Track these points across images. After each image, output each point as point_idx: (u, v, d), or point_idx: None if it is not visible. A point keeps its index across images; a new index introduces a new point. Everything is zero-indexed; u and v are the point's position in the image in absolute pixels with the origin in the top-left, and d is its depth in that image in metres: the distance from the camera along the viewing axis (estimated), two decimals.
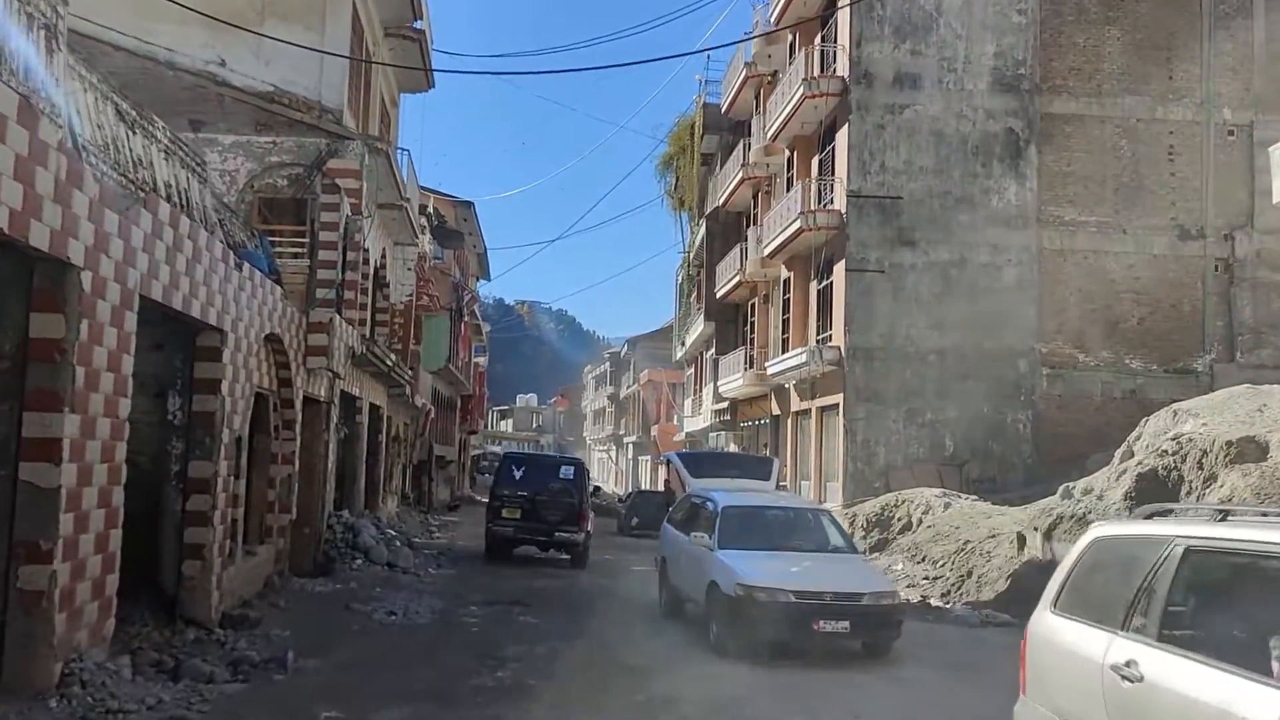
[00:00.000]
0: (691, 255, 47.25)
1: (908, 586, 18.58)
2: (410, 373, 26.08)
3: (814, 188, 29.31)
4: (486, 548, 21.57)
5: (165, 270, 8.69)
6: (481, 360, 72.57)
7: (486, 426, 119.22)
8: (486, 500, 24.41)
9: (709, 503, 13.91)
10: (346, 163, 17.70)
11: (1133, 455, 19.52)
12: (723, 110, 41.61)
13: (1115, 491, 15.80)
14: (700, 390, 47.61)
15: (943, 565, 18.99)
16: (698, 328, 44.43)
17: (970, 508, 22.44)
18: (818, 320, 29.62)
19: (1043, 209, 27.90)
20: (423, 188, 34.69)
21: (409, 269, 26.22)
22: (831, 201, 28.54)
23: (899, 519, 23.11)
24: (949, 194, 27.73)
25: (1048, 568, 15.57)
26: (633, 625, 13.68)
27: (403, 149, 23.67)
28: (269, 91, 17.62)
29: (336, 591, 14.60)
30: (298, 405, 14.48)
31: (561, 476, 21.82)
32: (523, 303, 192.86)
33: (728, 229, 41.92)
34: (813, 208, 28.54)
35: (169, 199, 9.65)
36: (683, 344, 50.11)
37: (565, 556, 21.36)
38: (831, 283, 28.52)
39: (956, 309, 27.48)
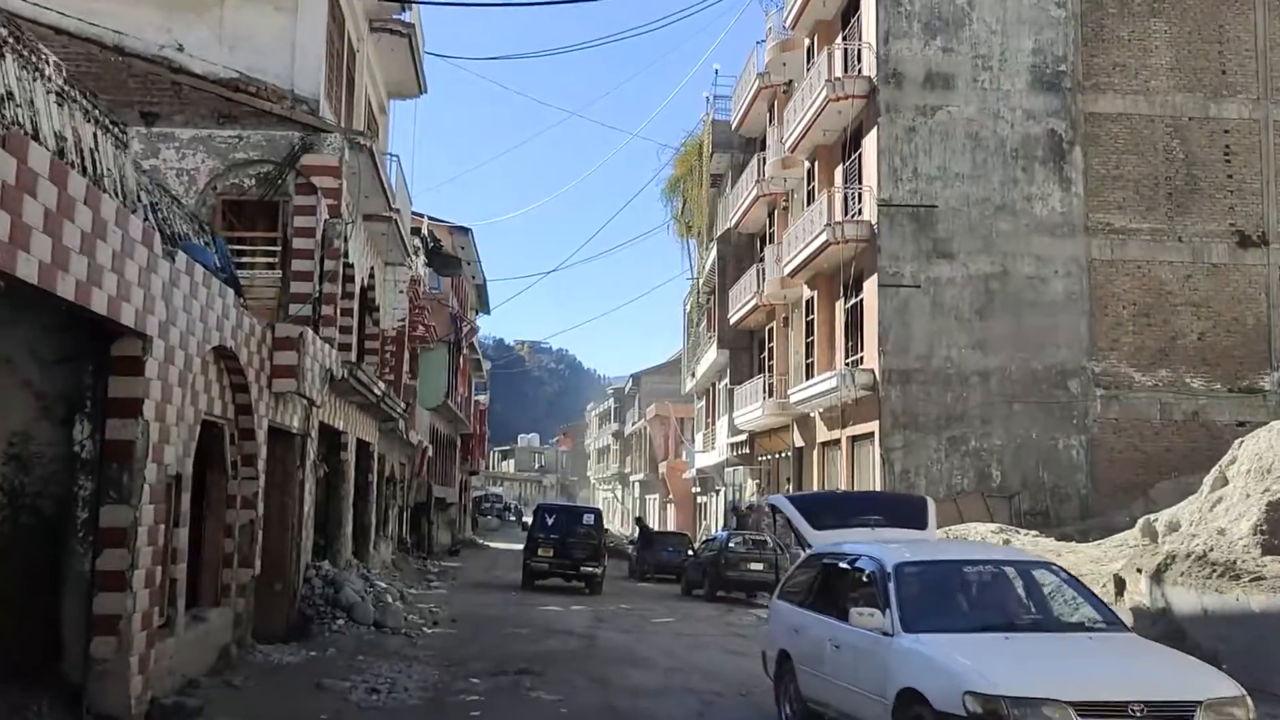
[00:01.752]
0: (701, 281, 44.99)
1: None
2: (404, 406, 23.69)
3: (840, 197, 27.03)
4: (523, 579, 25.99)
5: (44, 242, 6.32)
6: (482, 398, 70.25)
7: (488, 467, 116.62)
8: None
9: (864, 562, 8.80)
10: (323, 158, 15.37)
11: (1226, 482, 17.06)
12: (733, 126, 39.48)
13: (1241, 524, 13.32)
14: (713, 424, 45.15)
15: None
16: (710, 357, 42.07)
17: (1032, 544, 19.95)
18: (846, 342, 27.25)
19: (1090, 216, 25.61)
20: (416, 213, 32.47)
21: (400, 292, 23.88)
22: (860, 212, 26.26)
23: None
24: (988, 201, 25.47)
25: (1161, 617, 13.17)
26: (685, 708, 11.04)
27: (392, 155, 21.40)
28: (233, 79, 15.34)
29: (309, 662, 12.10)
30: (260, 437, 12.07)
31: (584, 523, 26.96)
32: (523, 342, 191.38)
33: (740, 252, 39.66)
34: (839, 219, 26.26)
35: (61, 155, 7.31)
36: (693, 375, 47.71)
37: (584, 587, 25.40)
38: (862, 300, 26.18)
39: (1000, 326, 25.14)
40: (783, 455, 34.35)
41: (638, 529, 39.01)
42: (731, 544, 25.48)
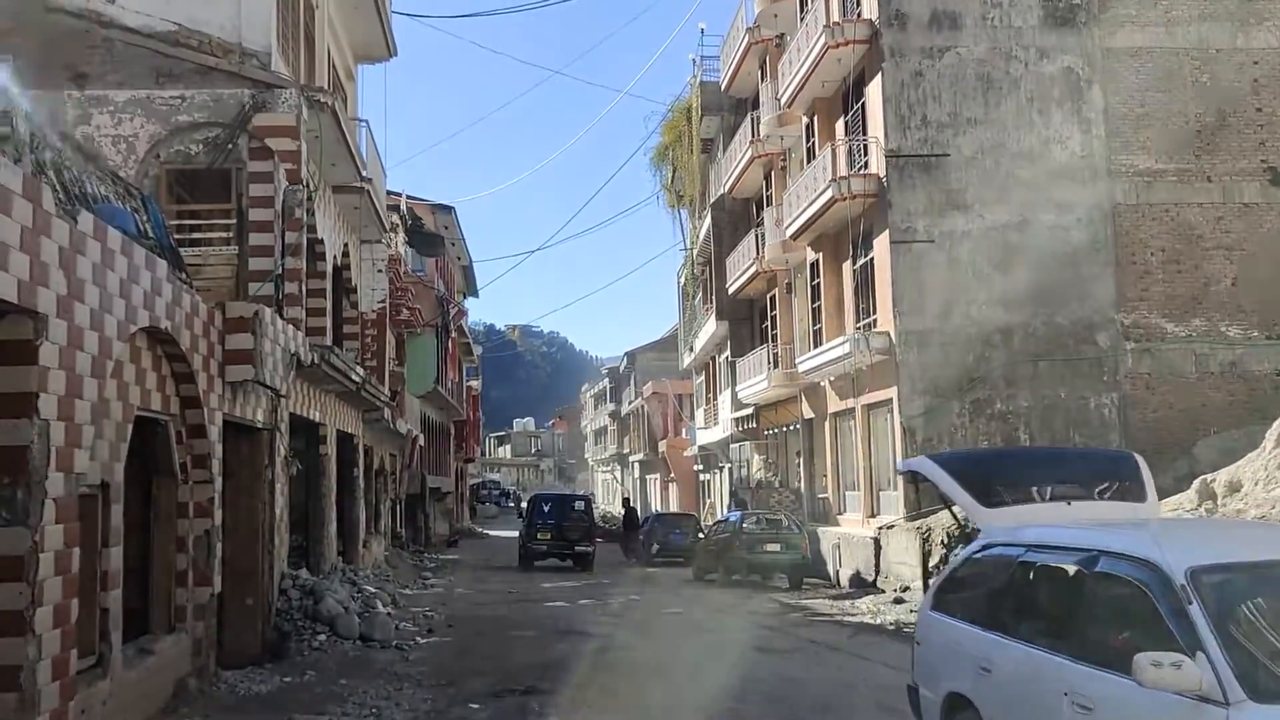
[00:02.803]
0: (695, 252, 43.27)
1: None
2: (390, 394, 22.01)
3: (844, 151, 25.34)
4: (520, 561, 28.96)
5: None
6: (475, 383, 68.59)
7: (484, 454, 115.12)
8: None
9: (1116, 565, 5.39)
10: (278, 118, 13.65)
11: None
12: (723, 87, 37.71)
13: None
14: (714, 399, 43.55)
15: None
16: (708, 329, 40.42)
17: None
18: (857, 305, 25.61)
19: (1112, 159, 23.96)
20: (393, 191, 30.76)
21: (379, 271, 22.17)
22: (866, 165, 24.57)
23: None
24: (1003, 147, 23.79)
25: None
26: None
27: (361, 120, 19.65)
28: (172, 32, 13.60)
29: (283, 690, 10.50)
30: (214, 433, 10.42)
31: (576, 509, 30.11)
32: (513, 326, 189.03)
33: (736, 218, 37.97)
34: (844, 173, 24.57)
35: None
36: (691, 350, 46.06)
37: (579, 568, 27.93)
38: (872, 259, 24.53)
39: (1021, 280, 23.51)
40: (791, 428, 32.79)
41: (623, 510, 37.55)
42: (746, 525, 23.90)
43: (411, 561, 29.67)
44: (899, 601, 17.96)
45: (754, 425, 35.62)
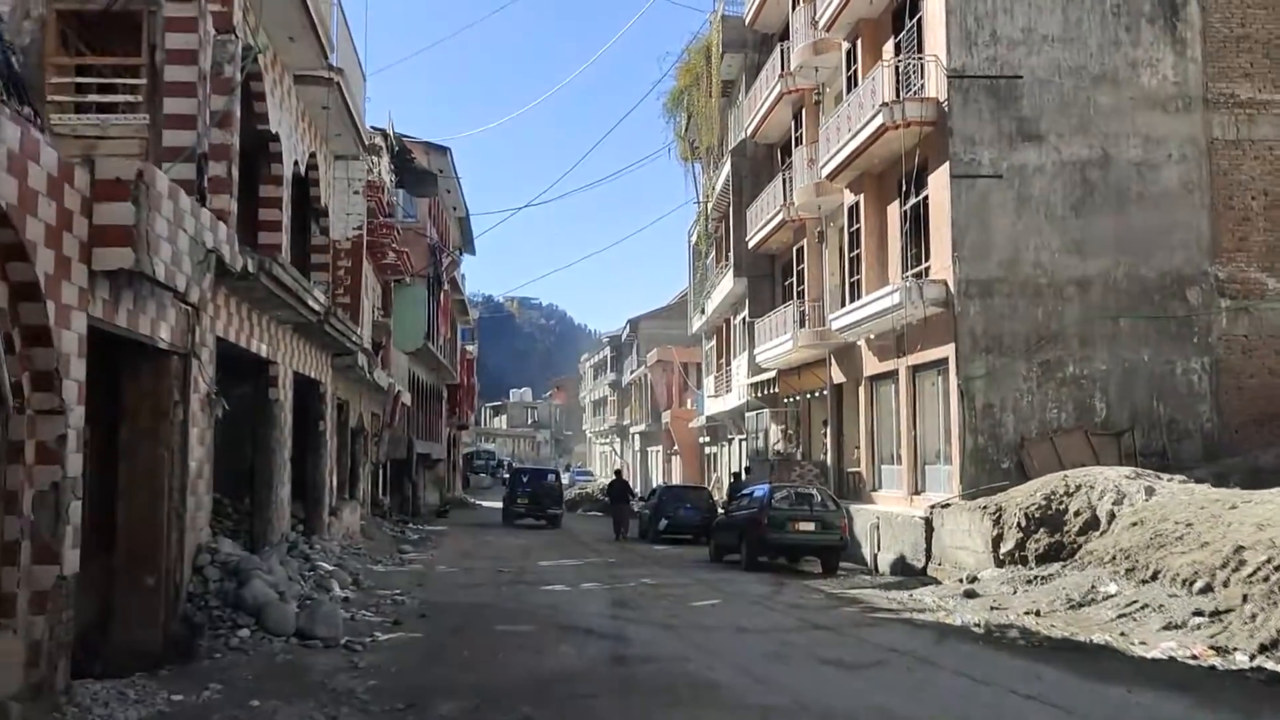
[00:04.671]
0: (710, 206, 39.87)
1: (1163, 628, 11.34)
2: (362, 336, 18.70)
3: (892, 73, 21.96)
4: (504, 518, 34.50)
5: None
6: (471, 348, 65.43)
7: (480, 423, 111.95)
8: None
9: None
10: None
11: None
12: (747, 20, 34.31)
13: None
14: (726, 365, 40.26)
15: (1210, 588, 11.70)
16: (725, 287, 37.06)
17: (1188, 494, 15.23)
18: (905, 252, 22.31)
19: (1209, 86, 20.64)
20: (376, 128, 27.43)
21: (355, 193, 18.88)
22: (923, 88, 21.24)
23: (1075, 513, 15.86)
24: (1084, 70, 20.46)
25: None
26: None
27: None
28: None
29: (165, 717, 7.27)
30: (68, 342, 7.17)
31: (547, 480, 35.67)
32: (513, 298, 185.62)
33: (759, 165, 34.59)
34: (897, 98, 21.25)
35: None
36: (702, 313, 42.72)
37: (547, 523, 33.55)
38: (926, 198, 21.22)
39: (1101, 224, 20.26)
40: (816, 394, 29.57)
41: (614, 478, 34.51)
42: (776, 500, 20.66)
43: (392, 533, 26.52)
44: (971, 595, 14.75)
45: (773, 392, 32.37)
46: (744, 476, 31.63)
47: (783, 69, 29.52)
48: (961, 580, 16.46)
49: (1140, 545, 13.81)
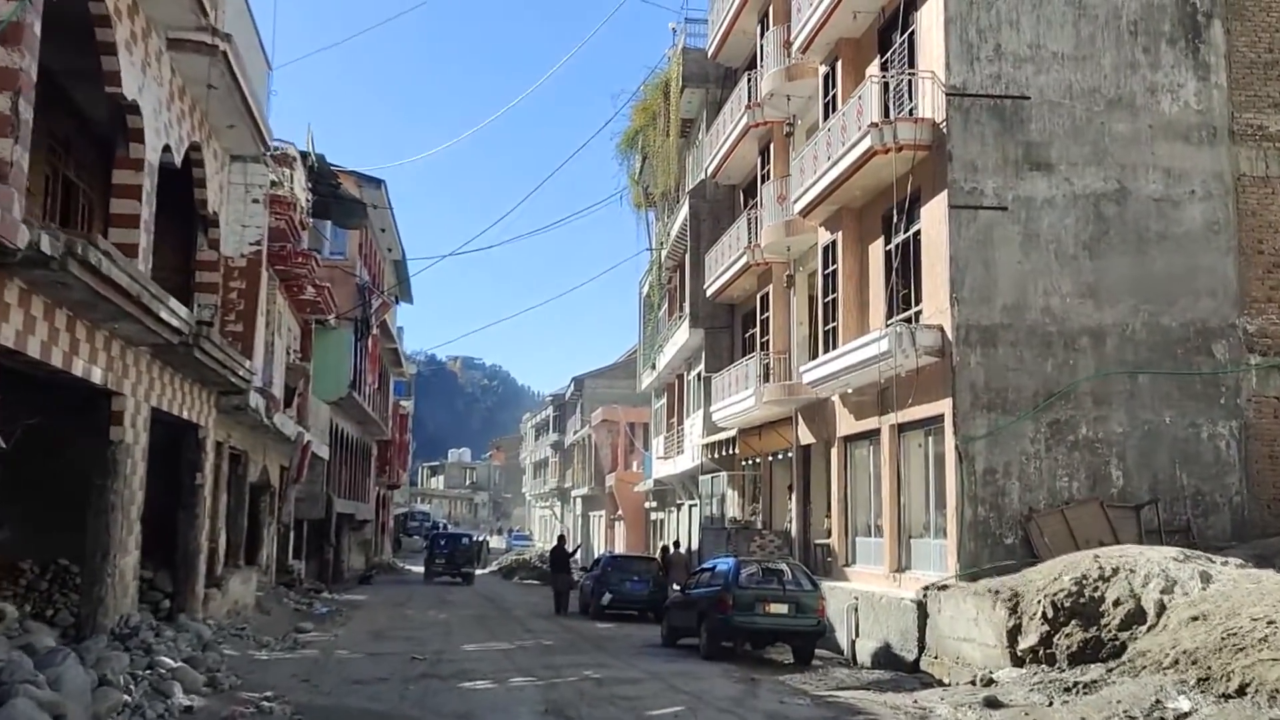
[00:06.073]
0: (664, 254, 37.19)
1: None
2: (249, 368, 15.48)
3: (887, 89, 19.47)
4: (425, 576, 40.96)
5: None
6: (406, 403, 61.98)
7: (416, 483, 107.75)
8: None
9: None
10: None
11: None
12: (710, 53, 31.92)
13: None
14: (679, 424, 37.30)
15: None
16: (677, 341, 34.26)
17: (1253, 582, 12.48)
18: (892, 295, 19.65)
19: (1236, 116, 18.35)
20: (301, 151, 24.52)
21: (254, 201, 15.83)
22: (916, 108, 18.75)
23: (1115, 603, 13.03)
24: (1098, 92, 18.07)
25: None
26: None
27: None
28: None
29: None
30: None
31: (463, 543, 42.37)
32: (455, 358, 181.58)
33: (719, 209, 32.10)
34: (887, 118, 18.73)
35: None
36: (653, 368, 39.83)
37: (465, 584, 38.86)
38: (919, 232, 18.62)
39: (1118, 266, 17.76)
40: (779, 457, 26.76)
41: (555, 544, 31.30)
42: (743, 576, 17.63)
43: (296, 605, 23.08)
44: (994, 705, 11.77)
45: (731, 453, 29.43)
46: (671, 551, 28.72)
47: (750, 100, 27.04)
48: (974, 682, 13.50)
49: (1210, 647, 10.99)
